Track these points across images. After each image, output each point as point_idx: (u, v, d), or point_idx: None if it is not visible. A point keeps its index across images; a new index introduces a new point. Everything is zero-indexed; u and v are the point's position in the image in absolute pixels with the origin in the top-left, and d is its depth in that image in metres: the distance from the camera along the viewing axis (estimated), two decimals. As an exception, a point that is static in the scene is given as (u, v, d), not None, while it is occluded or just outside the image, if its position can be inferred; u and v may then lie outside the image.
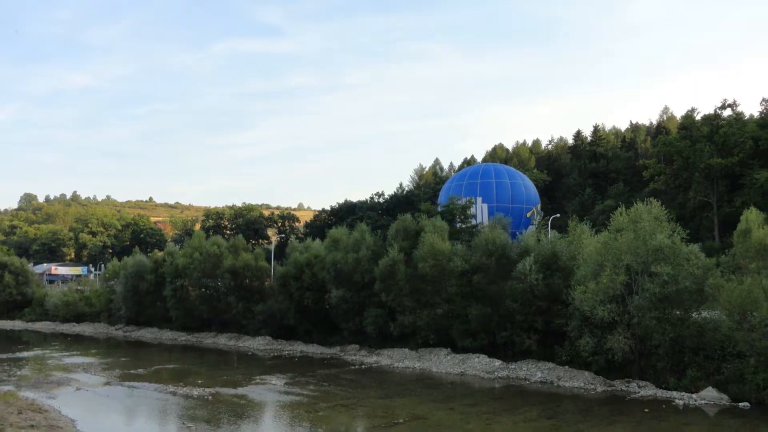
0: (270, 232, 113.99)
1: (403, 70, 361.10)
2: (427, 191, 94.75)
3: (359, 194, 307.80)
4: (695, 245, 29.88)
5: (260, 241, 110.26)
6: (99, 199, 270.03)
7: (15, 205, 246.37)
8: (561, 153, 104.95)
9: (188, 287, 53.71)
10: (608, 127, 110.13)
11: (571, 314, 30.53)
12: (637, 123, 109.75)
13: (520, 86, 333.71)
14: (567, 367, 31.05)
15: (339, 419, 23.79)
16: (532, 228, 49.58)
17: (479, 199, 60.29)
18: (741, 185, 60.62)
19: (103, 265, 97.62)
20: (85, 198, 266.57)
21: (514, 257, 35.08)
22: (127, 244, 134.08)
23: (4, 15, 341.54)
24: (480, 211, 58.55)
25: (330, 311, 43.63)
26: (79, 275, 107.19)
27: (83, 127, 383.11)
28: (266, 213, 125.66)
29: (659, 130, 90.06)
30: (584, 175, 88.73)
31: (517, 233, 44.11)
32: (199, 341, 51.00)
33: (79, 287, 77.44)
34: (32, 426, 19.81)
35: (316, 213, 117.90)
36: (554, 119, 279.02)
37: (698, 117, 71.10)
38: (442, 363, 35.22)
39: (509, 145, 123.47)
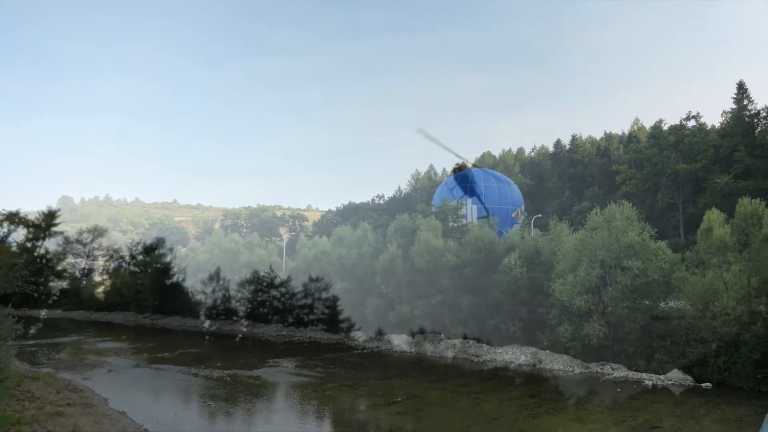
0: (282, 230, 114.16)
1: (401, 85, 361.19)
2: (423, 194, 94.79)
3: (362, 196, 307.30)
4: (663, 242, 29.94)
5: (273, 238, 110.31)
6: (129, 200, 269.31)
7: (53, 206, 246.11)
8: (543, 159, 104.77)
9: (208, 280, 53.72)
10: (585, 136, 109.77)
11: (551, 304, 30.58)
12: (610, 132, 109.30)
13: (506, 100, 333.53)
14: (548, 351, 31.07)
15: (344, 398, 23.81)
16: (516, 227, 49.55)
17: (469, 201, 60.27)
18: (704, 188, 60.66)
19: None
20: (116, 200, 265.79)
21: (501, 253, 35.09)
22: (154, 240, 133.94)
23: (39, 33, 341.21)
24: (470, 212, 58.51)
25: (336, 301, 43.59)
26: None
27: (115, 136, 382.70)
28: (278, 213, 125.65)
29: (630, 139, 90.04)
30: (563, 179, 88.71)
31: (504, 231, 44.09)
32: (219, 328, 50.95)
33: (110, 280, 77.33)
34: (69, 404, 19.81)
35: (323, 213, 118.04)
36: (537, 129, 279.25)
37: (665, 127, 71.17)
38: (436, 348, 35.23)
39: (496, 153, 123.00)
